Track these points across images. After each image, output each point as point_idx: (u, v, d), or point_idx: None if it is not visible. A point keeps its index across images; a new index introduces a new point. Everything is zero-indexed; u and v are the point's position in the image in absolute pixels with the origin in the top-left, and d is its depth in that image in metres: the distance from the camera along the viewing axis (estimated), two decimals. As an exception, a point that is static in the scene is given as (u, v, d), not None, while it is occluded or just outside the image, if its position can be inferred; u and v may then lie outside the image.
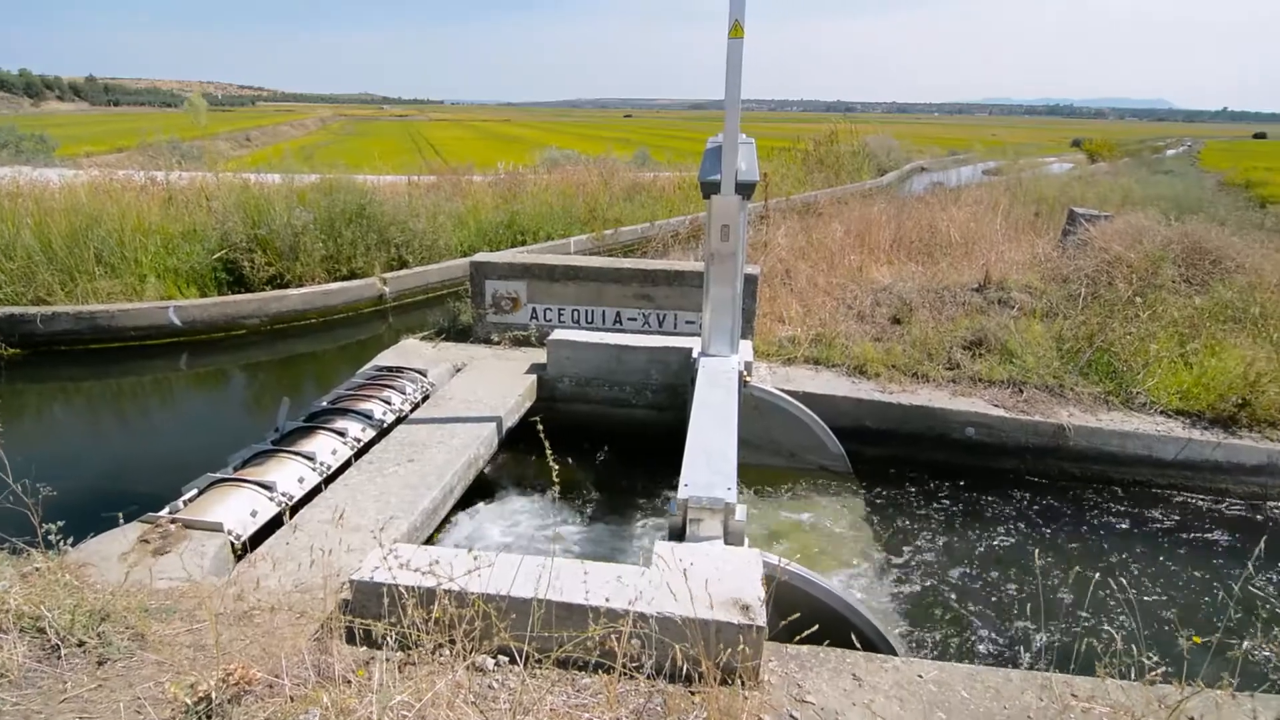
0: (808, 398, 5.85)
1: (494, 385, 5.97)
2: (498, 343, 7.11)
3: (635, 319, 6.94)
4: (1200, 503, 5.58)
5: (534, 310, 7.10)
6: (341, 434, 4.92)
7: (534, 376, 6.22)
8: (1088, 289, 7.75)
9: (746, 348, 5.94)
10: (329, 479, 4.48)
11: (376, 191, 11.64)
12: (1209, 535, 5.20)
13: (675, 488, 3.66)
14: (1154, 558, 4.91)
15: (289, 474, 4.37)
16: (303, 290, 9.68)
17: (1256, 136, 78.00)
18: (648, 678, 2.69)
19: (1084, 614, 4.18)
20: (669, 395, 6.12)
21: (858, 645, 3.03)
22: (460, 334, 7.42)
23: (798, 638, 2.85)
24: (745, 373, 5.53)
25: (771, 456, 5.78)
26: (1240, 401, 5.79)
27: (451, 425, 5.19)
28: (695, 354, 5.66)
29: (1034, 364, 6.35)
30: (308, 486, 4.37)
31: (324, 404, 5.39)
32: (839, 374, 6.41)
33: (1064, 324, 7.01)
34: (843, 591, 3.73)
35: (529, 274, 7.01)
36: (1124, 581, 4.24)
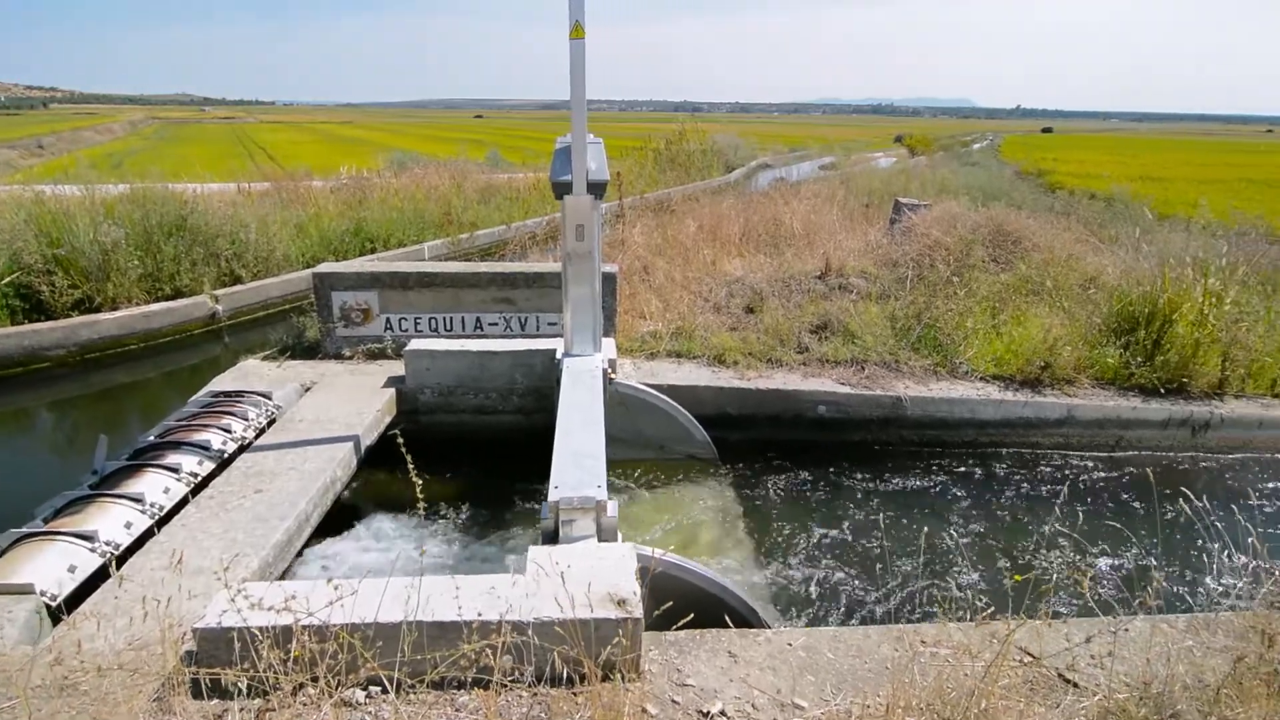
0: (672, 390, 6.01)
1: (349, 402, 5.65)
2: (350, 357, 6.73)
3: (496, 323, 6.82)
4: (1017, 455, 6.29)
5: (388, 321, 6.79)
6: (174, 470, 4.46)
7: (392, 390, 5.95)
8: (913, 272, 8.51)
9: (610, 345, 6.01)
10: (163, 521, 4.05)
11: (201, 201, 10.63)
12: (1025, 484, 5.88)
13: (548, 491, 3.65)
14: (982, 508, 5.49)
15: (113, 520, 3.91)
16: (118, 314, 8.68)
17: (1045, 131, 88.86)
18: (529, 686, 2.66)
19: (929, 566, 4.60)
20: (536, 399, 6.07)
21: (732, 624, 3.16)
22: (308, 351, 6.96)
23: (676, 624, 2.93)
24: (610, 370, 5.60)
25: (641, 450, 5.89)
26: (1043, 364, 6.59)
27: (303, 449, 4.85)
28: (559, 355, 5.65)
29: (873, 343, 6.89)
30: (137, 532, 3.93)
31: (151, 438, 4.86)
32: (700, 365, 6.64)
33: (895, 305, 7.66)
34: (716, 574, 3.87)
35: (380, 283, 6.69)
36: (955, 533, 4.70)
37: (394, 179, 15.97)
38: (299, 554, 4.29)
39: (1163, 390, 6.54)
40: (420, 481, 2.69)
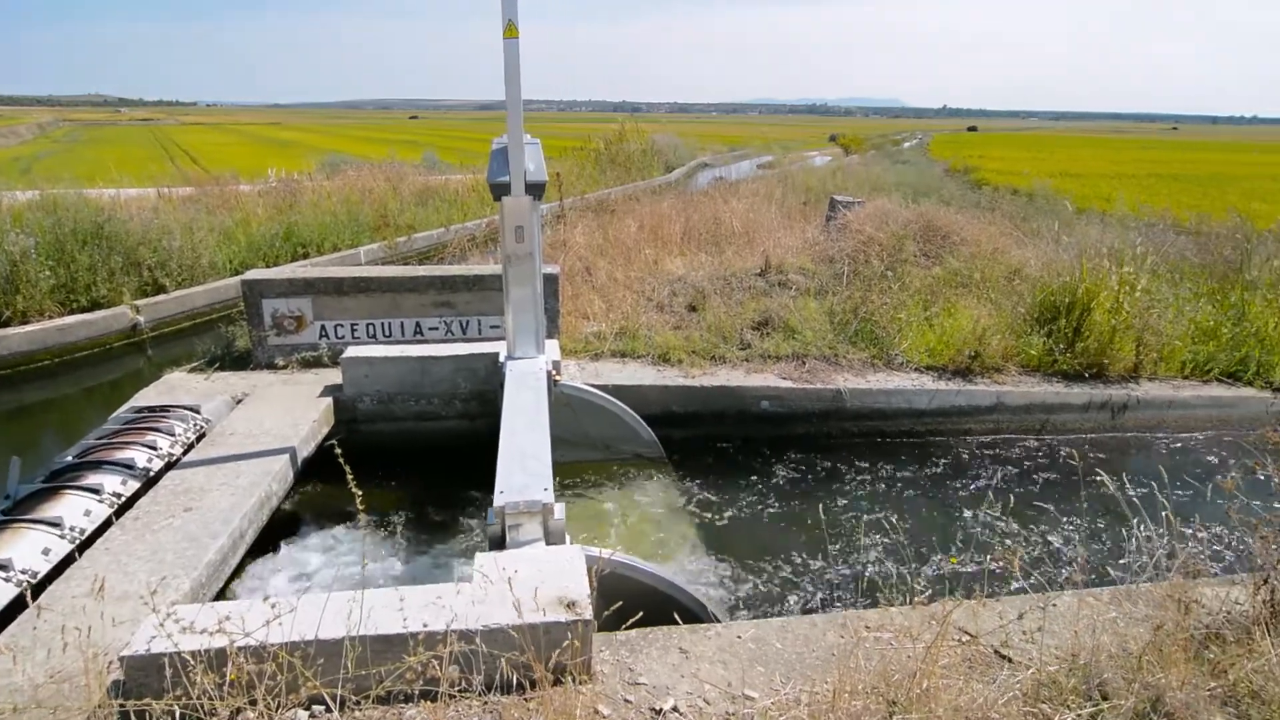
0: (617, 390, 6.01)
1: (284, 413, 5.46)
2: (284, 367, 6.51)
3: (437, 328, 6.70)
4: (951, 442, 6.52)
5: (323, 328, 6.59)
6: (95, 491, 4.23)
7: (330, 399, 5.77)
8: (849, 267, 8.74)
9: (553, 347, 5.97)
10: (84, 545, 3.83)
11: (119, 207, 10.11)
12: (960, 469, 6.10)
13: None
14: (919, 495, 5.67)
15: (29, 547, 3.67)
16: (28, 328, 8.18)
17: (970, 130, 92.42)
18: (479, 695, 2.62)
19: (871, 553, 4.73)
20: (480, 403, 5.98)
21: (683, 620, 3.19)
22: (238, 361, 6.69)
23: (627, 624, 2.93)
24: (554, 371, 5.56)
25: (588, 451, 5.87)
26: (973, 354, 6.85)
27: (236, 463, 4.67)
28: (502, 358, 5.59)
29: (812, 338, 7.04)
30: (56, 558, 3.70)
31: (69, 459, 4.59)
32: (645, 364, 6.66)
33: (833, 300, 7.85)
34: (665, 571, 3.90)
35: (313, 289, 6.49)
36: (894, 520, 4.85)
37: (327, 182, 15.52)
38: (235, 573, 4.13)
39: (1084, 375, 6.89)
40: (360, 493, 2.61)
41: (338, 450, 2.86)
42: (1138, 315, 7.12)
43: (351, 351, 5.92)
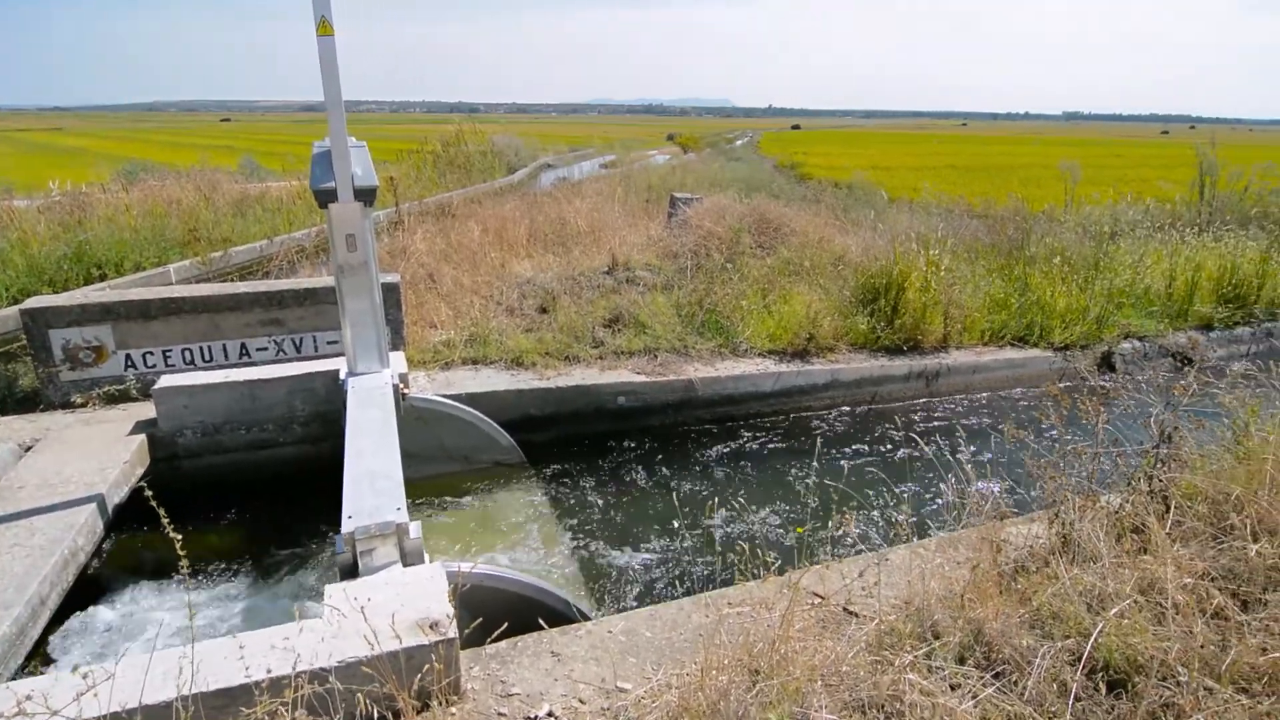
0: (471, 398, 5.86)
1: (87, 457, 4.82)
2: (83, 405, 5.74)
3: (266, 348, 6.19)
4: (795, 420, 6.96)
5: (129, 358, 5.88)
6: None
7: (143, 436, 5.17)
8: (692, 261, 9.06)
9: (399, 359, 5.71)
10: None
11: None
12: (804, 444, 6.53)
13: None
14: (769, 471, 6.01)
15: None
16: None
17: (794, 128, 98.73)
18: (339, 734, 2.46)
19: (727, 532, 4.94)
20: (322, 425, 5.60)
21: (554, 623, 3.16)
22: (24, 403, 5.83)
23: (496, 635, 2.87)
24: (402, 385, 5.32)
25: (446, 464, 5.68)
26: (808, 336, 7.35)
27: (29, 520, 4.06)
28: (343, 375, 5.26)
29: (663, 331, 7.24)
30: None
31: None
32: (498, 369, 6.54)
33: (680, 294, 8.11)
34: (532, 577, 3.86)
35: (114, 315, 5.77)
36: (745, 499, 5.11)
37: (124, 193, 13.80)
38: (38, 644, 3.59)
39: (903, 349, 7.61)
40: (179, 537, 2.37)
41: (148, 492, 2.57)
42: (943, 292, 7.95)
43: (166, 381, 5.33)
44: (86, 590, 4.17)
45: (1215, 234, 10.67)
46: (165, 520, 2.37)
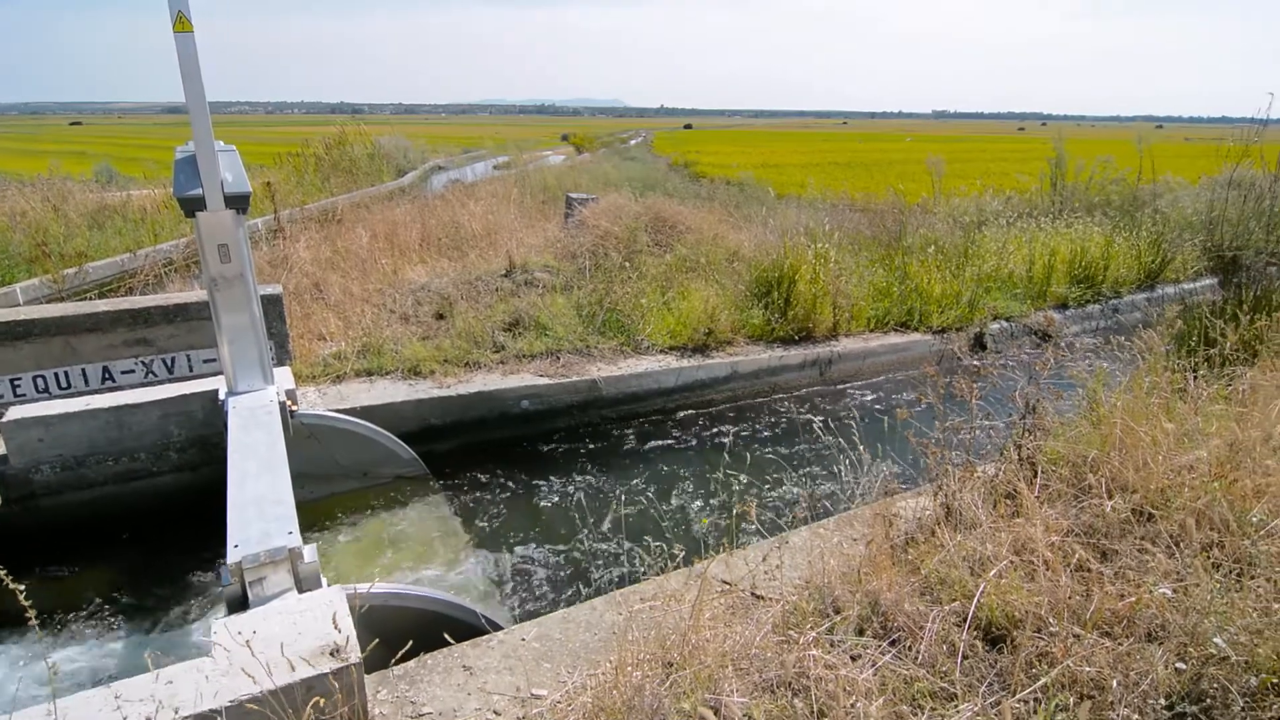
0: (366, 411, 5.63)
1: (-81, 504, 4.29)
2: (-87, 445, 5.09)
3: (133, 370, 5.70)
4: (698, 414, 7.10)
5: (-32, 389, 5.27)
6: None
7: (-11, 475, 4.65)
8: (591, 261, 9.07)
9: (286, 374, 5.40)
10: None
11: None
12: (707, 437, 6.67)
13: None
14: (674, 465, 6.10)
15: None
16: None
17: (686, 127, 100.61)
18: (233, 778, 2.31)
19: (637, 527, 4.98)
20: (201, 450, 5.22)
21: (465, 637, 3.09)
22: None
23: (403, 654, 2.76)
24: (290, 401, 5.03)
25: (343, 482, 5.42)
26: (707, 331, 7.51)
27: None
28: (222, 395, 4.92)
29: (564, 333, 7.20)
30: None
31: None
32: (395, 379, 6.32)
33: (579, 294, 8.10)
34: (439, 591, 3.75)
35: (-54, 343, 5.16)
36: (653, 495, 5.17)
37: (-48, 207, 12.36)
38: None
39: (797, 339, 7.91)
40: (21, 588, 2.14)
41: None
42: (831, 283, 8.33)
43: (15, 413, 4.81)
44: (-73, 653, 3.71)
45: (1067, 221, 11.70)
46: (2, 572, 2.13)
